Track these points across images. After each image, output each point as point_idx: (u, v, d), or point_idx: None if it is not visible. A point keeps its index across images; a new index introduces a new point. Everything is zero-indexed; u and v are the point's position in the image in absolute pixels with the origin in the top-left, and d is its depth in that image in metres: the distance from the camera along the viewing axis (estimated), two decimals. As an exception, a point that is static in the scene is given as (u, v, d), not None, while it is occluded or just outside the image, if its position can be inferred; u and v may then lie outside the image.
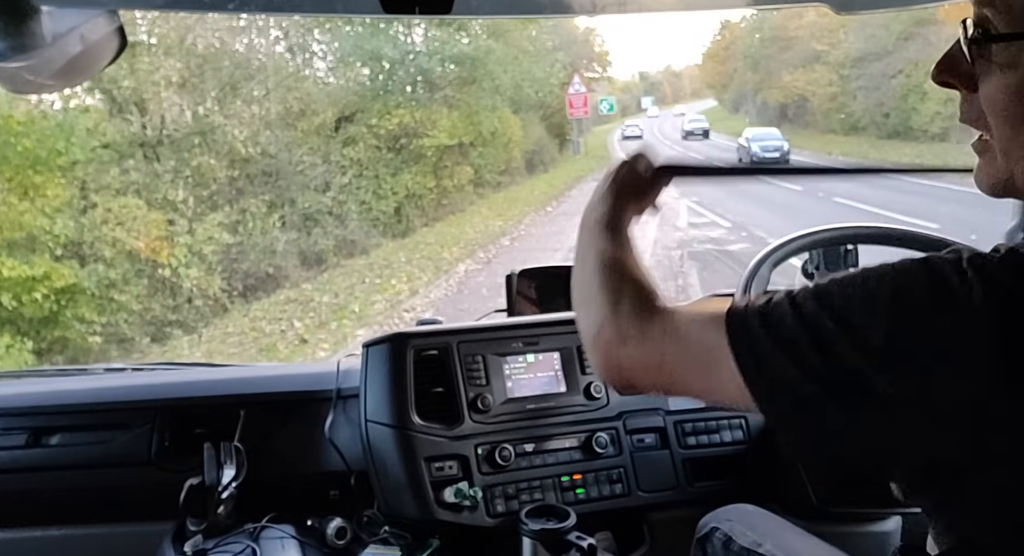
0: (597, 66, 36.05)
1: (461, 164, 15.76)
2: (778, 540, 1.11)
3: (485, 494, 1.36)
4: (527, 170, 19.92)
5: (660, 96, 59.77)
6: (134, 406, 1.49)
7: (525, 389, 1.46)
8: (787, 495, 1.46)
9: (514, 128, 18.16)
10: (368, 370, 1.43)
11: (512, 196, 16.65)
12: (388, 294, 8.61)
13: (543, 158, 21.26)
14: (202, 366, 1.91)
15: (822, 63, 26.70)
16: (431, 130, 14.72)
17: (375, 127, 14.23)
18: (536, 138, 20.66)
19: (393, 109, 14.46)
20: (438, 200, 15.04)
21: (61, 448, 1.45)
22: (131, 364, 1.88)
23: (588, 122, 26.08)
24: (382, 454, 1.38)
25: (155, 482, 1.42)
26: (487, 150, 16.58)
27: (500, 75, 16.33)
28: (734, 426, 1.54)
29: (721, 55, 46.72)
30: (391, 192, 14.02)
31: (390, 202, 13.89)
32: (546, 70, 19.14)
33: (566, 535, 1.24)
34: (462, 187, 15.82)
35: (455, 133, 15.14)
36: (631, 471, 1.46)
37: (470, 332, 1.48)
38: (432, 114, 15.01)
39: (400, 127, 14.45)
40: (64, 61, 0.73)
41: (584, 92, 21.20)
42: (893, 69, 22.51)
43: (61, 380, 1.78)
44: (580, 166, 21.28)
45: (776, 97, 31.05)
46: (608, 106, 24.48)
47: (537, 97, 19.58)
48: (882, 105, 23.30)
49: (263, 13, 6.48)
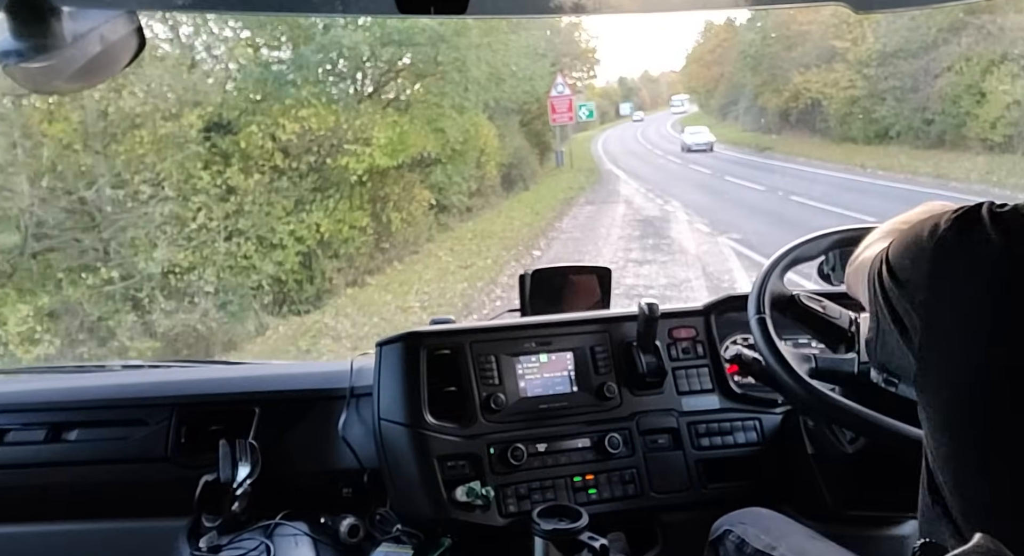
0: (582, 66, 30.97)
1: (415, 188, 11.69)
2: (792, 543, 1.10)
3: (497, 494, 1.36)
4: (504, 187, 16.13)
5: (638, 102, 58.87)
6: (151, 403, 1.51)
7: (538, 389, 1.46)
8: (802, 497, 1.44)
9: (489, 137, 14.18)
10: (381, 369, 1.43)
11: (485, 228, 12.44)
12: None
13: (523, 172, 17.51)
14: (218, 363, 1.93)
15: (841, 61, 23.03)
16: (361, 144, 10.22)
17: (263, 138, 9.40)
18: (514, 149, 16.95)
19: (293, 110, 9.63)
20: (376, 243, 10.70)
21: (79, 444, 1.47)
22: (148, 361, 1.91)
23: (569, 129, 22.93)
24: (395, 453, 1.39)
25: (171, 478, 1.43)
26: (454, 166, 12.39)
27: (473, 66, 11.73)
28: (748, 427, 1.53)
29: (706, 59, 43.42)
30: (293, 239, 9.45)
31: (287, 257, 9.31)
32: (531, 67, 15.23)
33: (578, 535, 1.24)
34: (415, 220, 11.54)
35: (402, 147, 10.66)
36: (644, 472, 1.45)
37: (483, 332, 1.49)
38: (361, 118, 10.46)
39: (307, 139, 9.83)
40: (84, 61, 0.74)
41: (569, 95, 18.22)
42: (938, 66, 18.43)
43: (80, 376, 1.80)
44: (566, 181, 18.11)
45: (776, 101, 27.59)
46: (588, 112, 21.91)
47: (521, 98, 15.98)
48: (924, 110, 18.95)
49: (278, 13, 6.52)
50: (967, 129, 17.18)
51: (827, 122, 24.28)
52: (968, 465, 0.74)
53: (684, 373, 1.54)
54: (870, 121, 21.58)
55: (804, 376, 1.24)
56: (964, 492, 0.75)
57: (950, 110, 17.97)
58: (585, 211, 14.04)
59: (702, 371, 1.55)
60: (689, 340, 1.57)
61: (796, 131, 26.34)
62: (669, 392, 1.52)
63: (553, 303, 1.67)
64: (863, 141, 21.69)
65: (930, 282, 0.76)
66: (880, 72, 21.03)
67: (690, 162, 22.47)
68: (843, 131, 23.24)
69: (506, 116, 16.50)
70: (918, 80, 19.27)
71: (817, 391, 1.23)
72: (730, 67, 36.03)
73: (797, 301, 1.34)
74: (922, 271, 0.77)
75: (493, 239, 11.48)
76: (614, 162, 24.30)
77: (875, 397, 1.22)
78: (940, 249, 0.75)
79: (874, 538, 1.45)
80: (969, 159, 15.98)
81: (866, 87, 21.73)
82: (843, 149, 21.31)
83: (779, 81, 26.54)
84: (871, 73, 21.39)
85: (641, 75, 76.61)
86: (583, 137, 34.26)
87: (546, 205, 14.70)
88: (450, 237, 11.85)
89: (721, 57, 38.64)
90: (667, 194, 15.14)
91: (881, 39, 21.00)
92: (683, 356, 1.55)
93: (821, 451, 1.42)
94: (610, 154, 28.07)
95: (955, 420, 0.75)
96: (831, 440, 1.37)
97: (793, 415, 1.50)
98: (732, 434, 1.52)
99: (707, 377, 1.54)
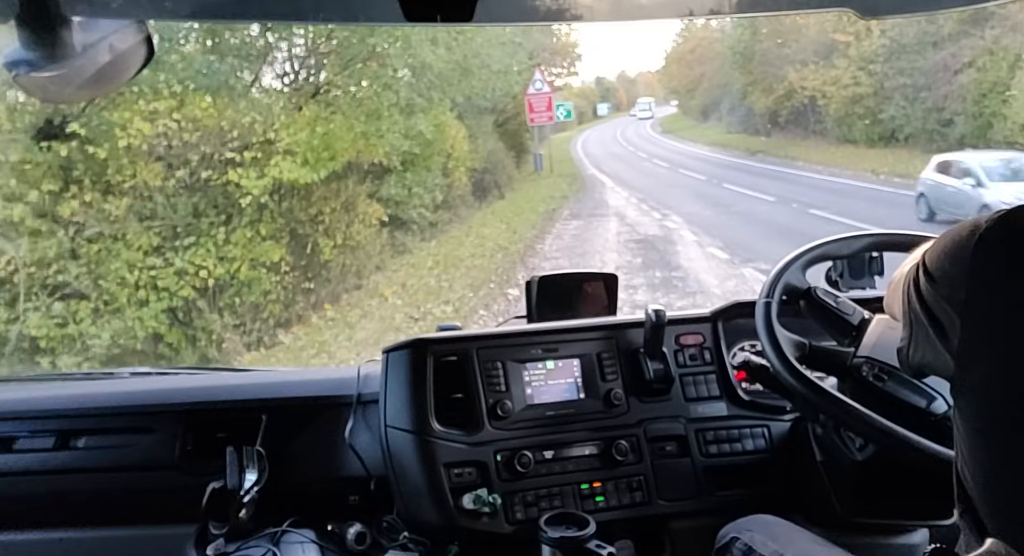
0: (561, 61, 28.28)
1: (359, 203, 9.10)
2: (799, 550, 1.09)
3: (504, 501, 1.35)
4: (476, 196, 14.10)
5: (616, 103, 58.27)
6: (159, 410, 1.51)
7: (545, 396, 1.45)
8: (810, 505, 1.43)
9: (457, 139, 12.40)
10: (388, 376, 1.43)
11: (450, 252, 9.98)
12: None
13: (497, 178, 15.61)
14: (225, 371, 1.93)
15: (842, 57, 20.37)
16: (260, 152, 7.47)
17: (103, 144, 6.60)
18: (488, 152, 15.09)
19: (145, 103, 6.84)
20: (298, 283, 7.98)
21: (88, 451, 1.47)
22: (156, 368, 1.91)
23: (548, 129, 21.05)
24: (402, 460, 1.38)
25: (178, 486, 1.43)
26: (415, 174, 10.27)
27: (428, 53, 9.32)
28: (756, 435, 1.52)
29: (687, 58, 41.81)
30: (156, 291, 6.74)
31: (146, 317, 6.61)
32: (505, 60, 12.93)
33: (585, 543, 1.23)
34: (358, 244, 8.95)
35: (327, 155, 7.90)
36: (651, 479, 1.45)
37: (490, 339, 1.49)
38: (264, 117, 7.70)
39: (177, 145, 7.09)
40: (94, 70, 0.75)
41: (548, 92, 16.61)
42: (957, 62, 16.54)
43: (88, 384, 1.81)
44: (546, 189, 16.08)
45: (764, 102, 25.13)
46: (566, 112, 20.66)
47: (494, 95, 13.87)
48: (940, 110, 16.92)
49: (286, 22, 6.57)
50: (994, 132, 15.08)
51: (823, 123, 22.32)
52: (1008, 467, 0.74)
53: (692, 380, 1.53)
54: (874, 122, 19.77)
55: (792, 359, 1.26)
56: (996, 493, 0.75)
57: (973, 110, 15.94)
58: (571, 227, 12.00)
59: (710, 378, 1.54)
60: (696, 347, 1.56)
61: (787, 133, 24.69)
62: (676, 399, 1.51)
63: (559, 309, 1.66)
64: (866, 143, 19.96)
65: (970, 282, 0.76)
66: (887, 68, 18.94)
67: (679, 167, 21.27)
68: (842, 133, 21.36)
69: (478, 115, 14.70)
70: (934, 77, 17.27)
71: (805, 378, 1.25)
72: (712, 66, 34.41)
73: (812, 294, 1.35)
74: (962, 270, 0.77)
75: (459, 269, 8.85)
76: (597, 166, 22.94)
77: (864, 391, 1.26)
78: (981, 248, 0.75)
79: (883, 547, 1.44)
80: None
81: (871, 85, 19.74)
82: (844, 152, 19.56)
83: (771, 79, 24.47)
84: (877, 69, 19.36)
85: (618, 75, 76.11)
86: (562, 138, 32.38)
87: (524, 220, 12.53)
88: (406, 263, 9.33)
89: (702, 56, 37.26)
90: (663, 205, 13.45)
91: (888, 33, 18.78)
92: (690, 363, 1.55)
93: (830, 458, 1.41)
94: (592, 157, 26.51)
95: (997, 420, 0.74)
96: (840, 447, 1.36)
97: (802, 422, 1.49)
98: (740, 441, 1.51)
99: (715, 384, 1.54)
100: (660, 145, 30.75)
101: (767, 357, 1.30)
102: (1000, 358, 0.74)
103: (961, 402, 0.79)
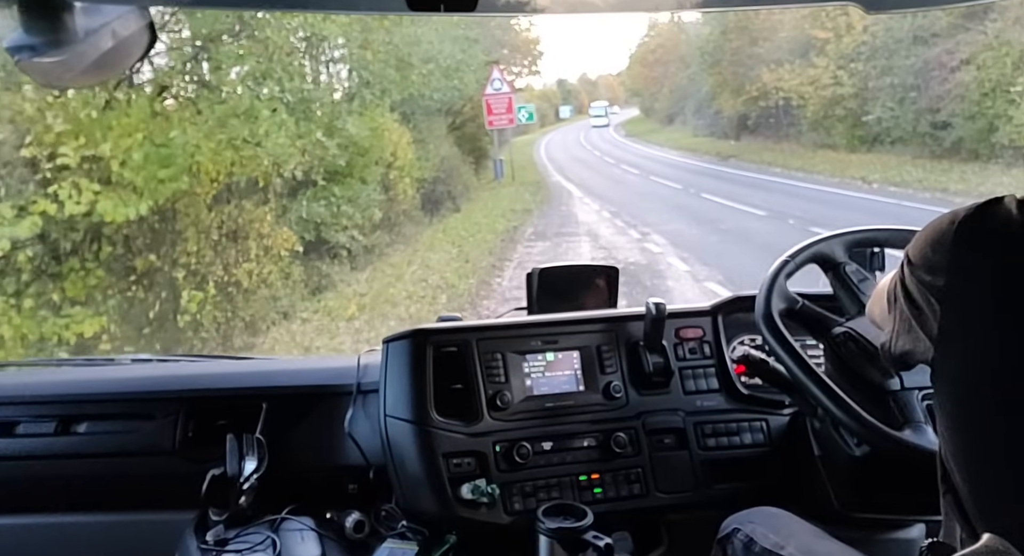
0: (522, 59, 25.58)
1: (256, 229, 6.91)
2: (801, 543, 1.09)
3: (502, 491, 1.36)
4: (426, 210, 12.01)
5: (578, 105, 57.66)
6: (160, 397, 1.51)
7: (544, 387, 1.46)
8: (808, 499, 1.44)
9: (401, 145, 10.45)
10: (388, 365, 1.44)
11: (380, 293, 7.47)
12: None
13: (452, 189, 13.54)
14: (226, 359, 1.93)
15: (821, 55, 18.56)
16: (53, 171, 5.15)
17: None
18: (441, 159, 13.16)
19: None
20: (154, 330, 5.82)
21: (88, 436, 1.48)
22: (157, 355, 1.92)
23: (509, 133, 18.62)
24: (400, 449, 1.39)
25: (178, 472, 1.44)
26: (343, 189, 8.34)
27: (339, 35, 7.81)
28: (755, 428, 1.52)
29: (649, 59, 39.52)
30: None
31: None
32: (458, 56, 11.51)
33: (583, 534, 1.24)
34: (252, 289, 6.76)
35: (167, 176, 5.61)
36: (649, 471, 1.45)
37: (490, 329, 1.49)
38: (58, 119, 5.14)
39: None
40: (96, 56, 0.75)
41: (508, 93, 14.87)
42: (954, 58, 14.84)
43: (89, 369, 1.82)
44: (507, 201, 14.06)
45: (732, 104, 23.19)
46: (527, 114, 19.50)
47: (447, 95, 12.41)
48: (935, 111, 15.22)
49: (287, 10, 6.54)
50: (999, 135, 13.45)
51: (797, 126, 20.20)
52: (984, 448, 0.75)
53: (691, 373, 1.53)
54: (857, 124, 17.76)
55: (775, 313, 1.32)
56: (973, 474, 0.76)
57: (972, 111, 14.26)
58: (535, 251, 9.80)
59: (709, 371, 1.54)
60: (696, 340, 1.56)
61: (756, 136, 22.62)
62: (676, 392, 1.51)
63: (560, 302, 1.67)
64: (846, 148, 17.91)
65: (950, 267, 0.78)
66: (870, 67, 17.10)
67: (650, 174, 18.78)
68: (819, 136, 19.27)
69: (428, 117, 12.88)
70: (926, 76, 15.50)
71: (777, 330, 1.31)
72: (675, 67, 32.84)
73: (842, 269, 1.38)
74: (942, 257, 0.79)
75: (388, 318, 6.45)
76: (562, 173, 20.83)
77: (833, 357, 1.32)
78: (961, 236, 0.77)
79: (881, 541, 1.45)
80: (1001, 172, 12.74)
81: (853, 85, 17.77)
82: (822, 157, 17.86)
83: (742, 80, 22.20)
84: (859, 69, 17.48)
85: (580, 77, 74.74)
86: (524, 142, 29.34)
87: (480, 242, 10.14)
88: (321, 309, 6.96)
89: (665, 57, 35.89)
90: (640, 222, 11.32)
91: (871, 29, 16.91)
92: (690, 356, 1.55)
93: (828, 453, 1.41)
94: (556, 162, 23.99)
95: (972, 403, 0.76)
96: (838, 442, 1.37)
97: (800, 417, 1.49)
98: (739, 435, 1.51)
99: (714, 377, 1.54)
100: (626, 149, 28.65)
101: (756, 304, 1.35)
102: (975, 342, 0.76)
103: (940, 386, 0.81)
